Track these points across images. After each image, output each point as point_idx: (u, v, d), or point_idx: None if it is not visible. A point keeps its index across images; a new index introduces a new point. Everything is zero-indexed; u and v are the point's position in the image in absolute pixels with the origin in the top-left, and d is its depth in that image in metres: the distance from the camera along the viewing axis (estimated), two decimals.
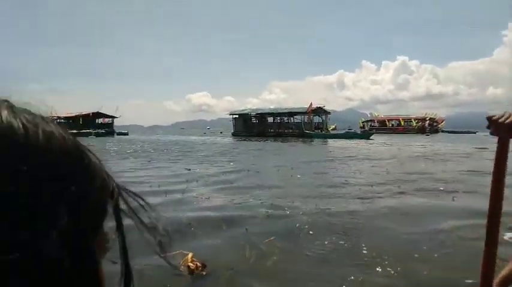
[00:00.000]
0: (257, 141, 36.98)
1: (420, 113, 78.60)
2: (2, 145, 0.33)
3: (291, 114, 58.02)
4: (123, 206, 0.40)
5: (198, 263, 3.82)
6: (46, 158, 0.34)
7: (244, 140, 43.52)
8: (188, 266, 3.78)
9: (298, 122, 57.18)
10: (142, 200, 0.43)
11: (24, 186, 0.32)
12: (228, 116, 64.46)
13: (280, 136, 50.55)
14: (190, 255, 3.87)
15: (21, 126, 0.34)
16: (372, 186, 8.84)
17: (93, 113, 62.94)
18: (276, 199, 7.19)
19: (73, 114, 63.18)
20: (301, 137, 45.93)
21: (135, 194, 0.43)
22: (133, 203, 0.41)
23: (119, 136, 60.57)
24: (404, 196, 7.71)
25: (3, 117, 0.34)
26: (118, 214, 0.40)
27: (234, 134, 61.09)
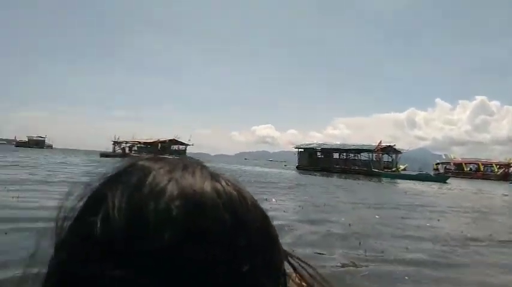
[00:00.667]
0: (323, 177, 36.60)
1: (503, 158, 71.70)
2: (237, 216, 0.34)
3: (358, 151, 56.74)
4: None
5: None
6: (259, 226, 0.35)
7: (309, 174, 43.27)
8: None
9: (365, 159, 55.60)
10: (304, 262, 0.42)
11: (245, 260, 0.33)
12: (292, 149, 65.07)
13: (346, 173, 49.40)
14: None
15: (236, 195, 0.35)
16: (462, 233, 8.39)
17: (169, 139, 67.83)
18: (365, 238, 7.16)
19: (152, 140, 68.70)
20: (368, 176, 44.44)
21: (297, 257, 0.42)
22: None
23: None
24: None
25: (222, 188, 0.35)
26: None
27: (298, 168, 61.12)
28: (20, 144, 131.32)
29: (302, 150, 63.19)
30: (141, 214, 0.33)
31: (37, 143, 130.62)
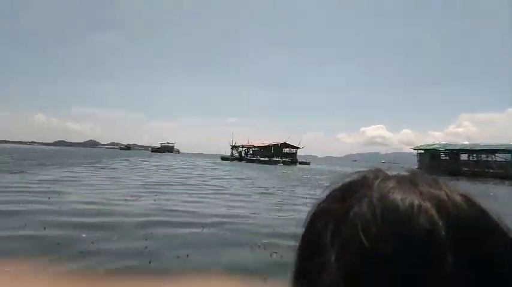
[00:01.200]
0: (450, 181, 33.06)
1: None
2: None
3: (493, 151, 49.53)
4: None
5: None
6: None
7: None
8: None
9: (502, 161, 48.27)
10: None
11: None
12: (406, 150, 60.40)
13: (477, 176, 43.67)
14: None
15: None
16: None
17: (281, 143, 70.23)
18: None
19: (266, 144, 72.13)
20: (506, 179, 38.58)
21: None
22: None
23: (301, 165, 65.20)
24: None
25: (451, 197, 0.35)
26: None
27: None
28: (154, 150, 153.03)
29: (422, 151, 58.16)
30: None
31: (168, 149, 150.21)
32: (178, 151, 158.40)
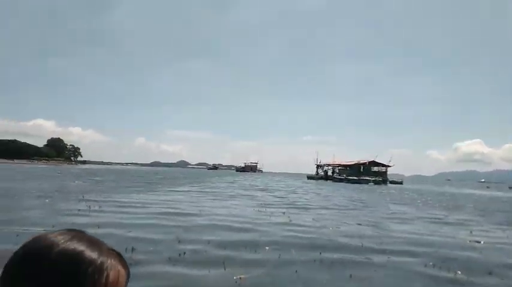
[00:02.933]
0: None
1: None
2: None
3: None
4: None
5: None
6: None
7: None
8: None
9: None
10: None
11: None
12: (509, 168, 52.89)
13: None
14: None
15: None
16: None
17: (369, 161, 67.58)
18: None
19: (353, 162, 70.14)
20: None
21: None
22: None
23: (392, 184, 61.63)
24: None
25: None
26: None
27: None
28: (239, 169, 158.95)
29: None
30: None
31: (251, 168, 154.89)
32: (261, 171, 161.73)
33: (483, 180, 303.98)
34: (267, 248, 6.45)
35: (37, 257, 0.59)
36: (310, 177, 70.97)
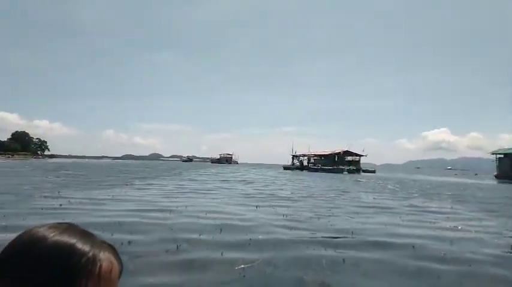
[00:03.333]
0: None
1: None
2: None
3: None
4: None
5: None
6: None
7: None
8: None
9: None
10: None
11: None
12: (474, 155, 55.82)
13: None
14: None
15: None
16: None
17: (343, 151, 69.03)
18: None
19: (327, 152, 71.39)
20: None
21: None
22: None
23: (366, 173, 63.24)
24: None
25: None
26: None
27: (498, 177, 52.05)
28: (214, 161, 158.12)
29: (502, 156, 53.64)
30: None
31: (227, 160, 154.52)
32: (236, 162, 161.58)
33: (449, 167, 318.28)
34: (260, 237, 6.41)
35: (29, 250, 0.60)
36: (286, 167, 71.75)
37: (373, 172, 67.73)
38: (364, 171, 68.84)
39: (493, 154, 54.97)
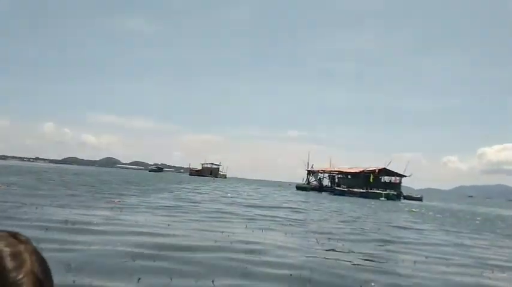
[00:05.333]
0: None
1: None
2: None
3: None
4: None
5: None
6: None
7: None
8: None
9: None
10: None
11: None
12: None
13: None
14: None
15: None
16: None
17: (379, 169, 68.76)
18: None
19: (358, 170, 71.12)
20: None
21: None
22: None
23: (408, 201, 63.21)
24: None
25: None
26: None
27: None
28: (193, 172, 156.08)
29: None
30: None
31: (211, 172, 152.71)
32: (225, 176, 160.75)
33: None
34: None
35: None
36: (300, 187, 71.33)
37: (419, 199, 67.65)
38: (406, 197, 68.78)
39: None
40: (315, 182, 76.06)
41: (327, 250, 10.73)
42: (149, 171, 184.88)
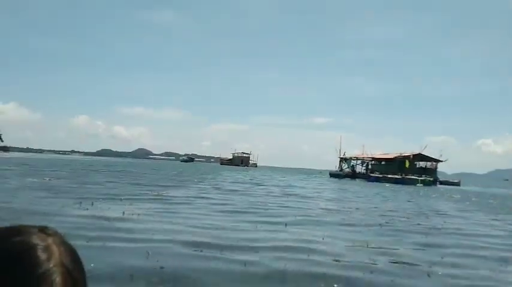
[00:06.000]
0: None
1: None
2: None
3: None
4: None
5: None
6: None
7: None
8: None
9: None
10: None
11: None
12: None
13: None
14: None
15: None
16: None
17: (414, 154, 67.95)
18: None
19: (391, 155, 70.51)
20: None
21: None
22: None
23: (444, 186, 62.26)
24: None
25: None
26: None
27: None
28: (224, 162, 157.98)
29: None
30: None
31: (242, 161, 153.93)
32: (255, 164, 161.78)
33: None
34: None
35: None
36: (333, 174, 71.18)
37: (457, 184, 66.57)
38: (443, 183, 67.78)
39: None
40: (347, 169, 75.76)
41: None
42: (181, 161, 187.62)
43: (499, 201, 32.70)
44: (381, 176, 63.49)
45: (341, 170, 76.21)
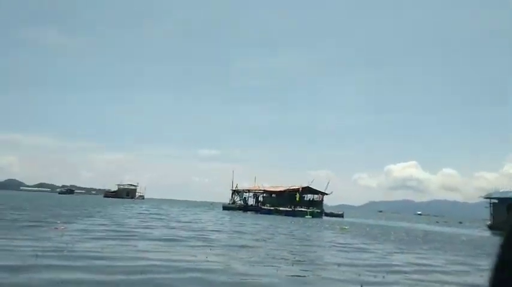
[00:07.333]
0: None
1: None
2: None
3: None
4: None
5: None
6: None
7: None
8: None
9: None
10: None
11: None
12: (449, 198, 62.50)
13: None
14: None
15: None
16: None
17: (303, 187, 71.72)
18: None
19: (281, 188, 73.54)
20: None
21: None
22: None
23: (329, 217, 66.42)
24: None
25: None
26: None
27: (492, 227, 58.36)
28: (108, 194, 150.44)
29: (496, 201, 60.41)
30: None
31: (128, 193, 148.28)
32: (142, 196, 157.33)
33: (420, 212, 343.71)
34: None
35: None
36: (226, 207, 71.95)
37: (341, 216, 71.30)
38: (328, 214, 72.23)
39: (486, 198, 61.59)
40: (240, 202, 77.22)
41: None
42: (59, 193, 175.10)
43: (385, 232, 35.88)
44: (272, 208, 65.77)
45: (233, 202, 77.48)
